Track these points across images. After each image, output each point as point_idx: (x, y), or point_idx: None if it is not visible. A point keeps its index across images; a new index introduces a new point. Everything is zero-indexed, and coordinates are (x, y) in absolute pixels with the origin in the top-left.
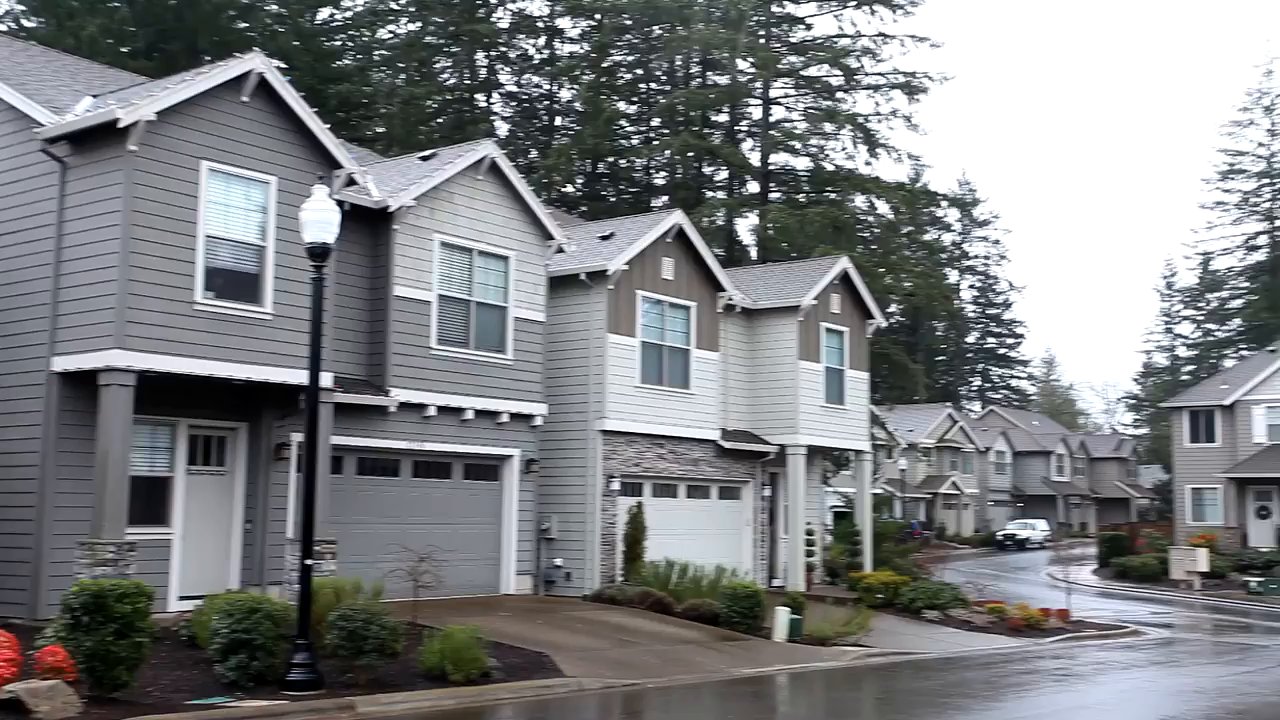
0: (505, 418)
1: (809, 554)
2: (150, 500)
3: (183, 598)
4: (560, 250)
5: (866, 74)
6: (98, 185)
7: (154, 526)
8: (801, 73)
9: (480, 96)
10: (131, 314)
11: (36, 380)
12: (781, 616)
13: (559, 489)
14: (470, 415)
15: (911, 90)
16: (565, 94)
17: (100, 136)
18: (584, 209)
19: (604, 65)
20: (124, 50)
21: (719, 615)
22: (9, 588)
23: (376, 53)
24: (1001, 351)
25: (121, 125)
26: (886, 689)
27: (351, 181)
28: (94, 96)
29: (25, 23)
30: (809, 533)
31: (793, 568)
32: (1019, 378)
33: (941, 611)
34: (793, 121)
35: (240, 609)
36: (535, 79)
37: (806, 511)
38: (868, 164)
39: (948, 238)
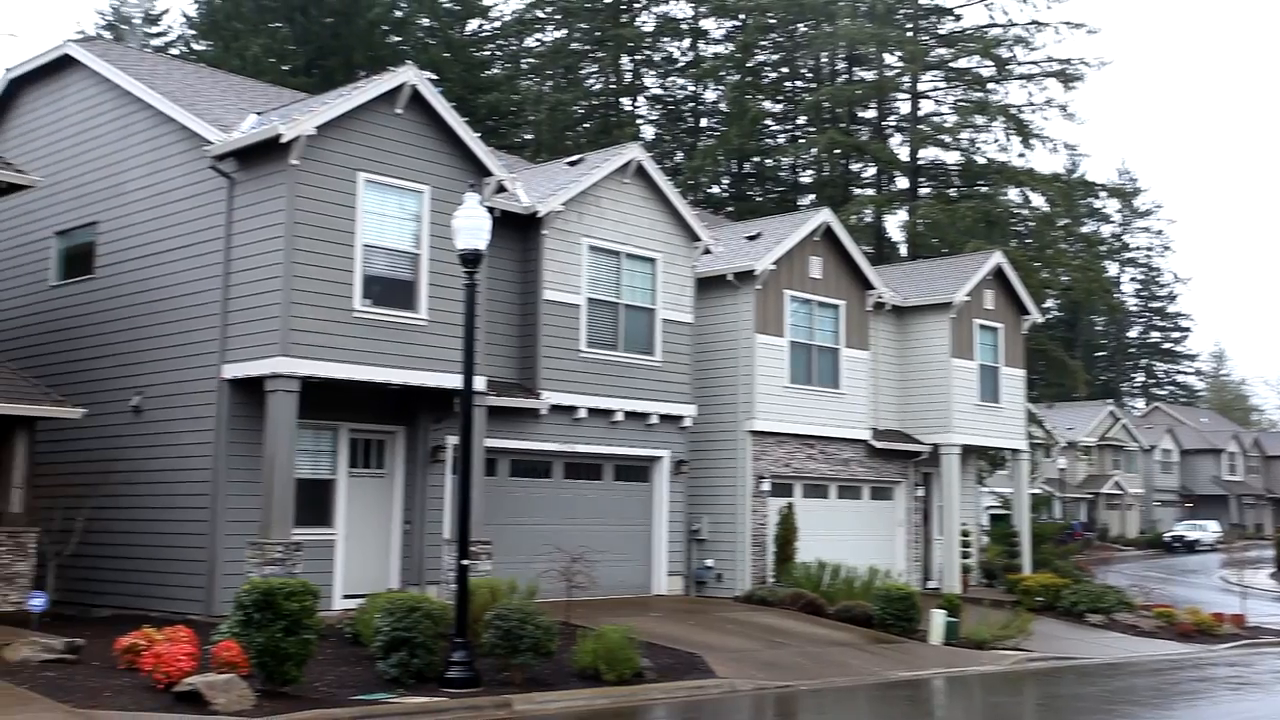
0: (654, 419)
1: (964, 555)
2: (314, 502)
3: (346, 596)
4: (707, 251)
5: (1019, 63)
6: (262, 199)
7: (318, 527)
8: (951, 65)
9: (626, 100)
10: (295, 322)
11: (208, 388)
12: (937, 619)
13: (709, 490)
14: (620, 417)
15: (1067, 78)
16: (710, 95)
17: (264, 152)
18: (730, 209)
19: (749, 65)
20: (285, 68)
21: (872, 617)
22: (187, 585)
23: (524, 61)
24: (1166, 346)
25: (284, 140)
26: (1048, 694)
27: (501, 188)
28: (258, 114)
29: (195, 46)
30: (964, 534)
31: (948, 569)
32: (1185, 373)
33: (1106, 615)
34: (942, 115)
35: (401, 608)
36: (680, 81)
37: (961, 512)
38: (1021, 156)
39: (1107, 229)
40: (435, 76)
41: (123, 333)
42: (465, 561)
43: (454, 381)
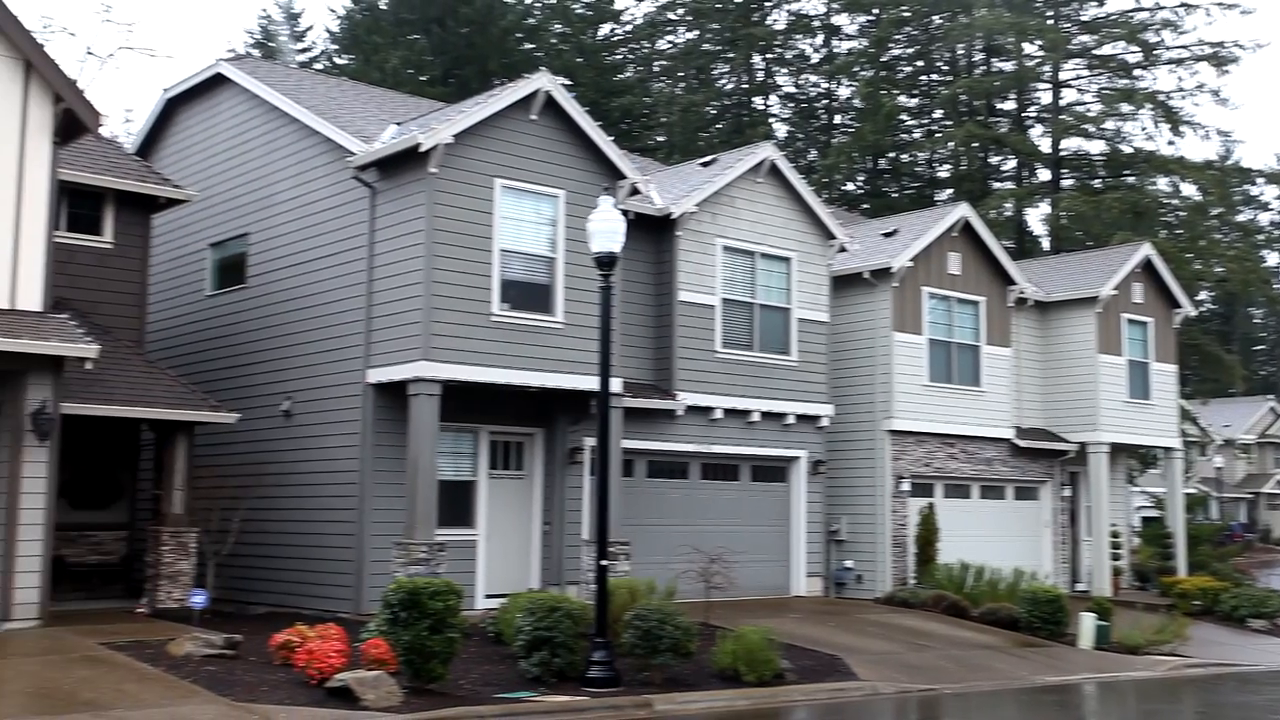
0: (791, 419)
1: (1115, 557)
2: (456, 503)
3: (488, 596)
4: (842, 249)
5: (1167, 48)
6: (402, 207)
7: (460, 528)
8: (1094, 52)
9: (758, 99)
10: (435, 327)
11: (354, 392)
12: (1087, 622)
13: (847, 490)
14: (756, 417)
15: (1219, 61)
16: (844, 91)
17: (404, 161)
18: (865, 207)
19: (883, 60)
20: (423, 79)
21: (1018, 620)
22: (336, 584)
23: (656, 63)
24: None
25: (423, 149)
26: (1208, 703)
27: (635, 191)
28: (397, 124)
29: (337, 60)
30: (1114, 535)
31: (1097, 572)
32: None
33: (1269, 620)
34: (1085, 104)
35: (541, 607)
36: (813, 78)
37: (1111, 512)
38: (1170, 144)
39: (1265, 218)
40: (568, 82)
41: (273, 339)
42: (604, 562)
43: (590, 383)
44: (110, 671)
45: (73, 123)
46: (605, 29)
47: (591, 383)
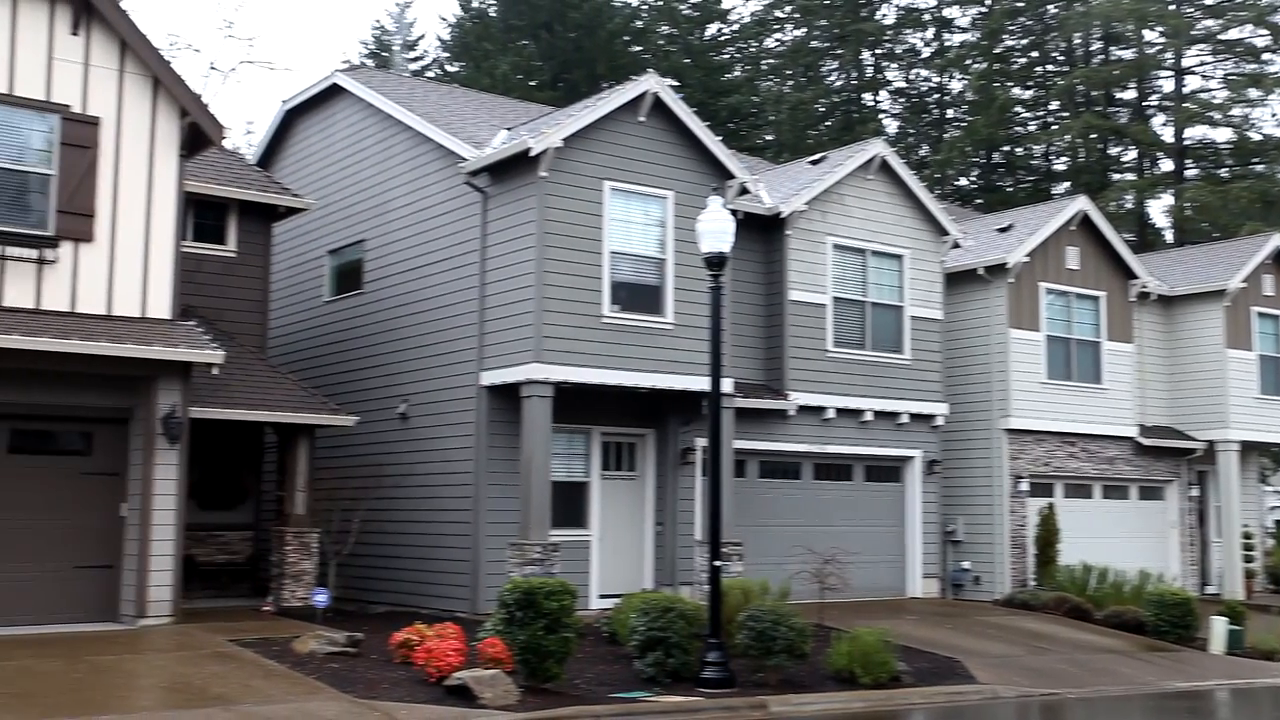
0: (905, 418)
1: (1247, 559)
2: (569, 504)
3: (601, 596)
4: (956, 245)
5: None
6: (513, 211)
7: (574, 529)
8: (1219, 37)
9: (868, 96)
10: (547, 329)
11: (468, 394)
12: (1218, 626)
13: (963, 490)
14: (869, 417)
15: None
16: (956, 85)
17: (514, 166)
18: (979, 202)
19: (996, 51)
20: (532, 84)
21: (1144, 623)
22: (453, 584)
23: (764, 62)
24: None
25: (533, 154)
26: None
27: (744, 190)
28: (508, 130)
29: (448, 68)
30: (1246, 536)
31: (1229, 574)
32: None
33: None
34: (1210, 90)
35: (655, 608)
36: (924, 73)
37: (1242, 513)
38: None
39: None
40: (676, 83)
41: (389, 344)
42: (717, 563)
43: (701, 384)
44: (239, 667)
45: (198, 136)
46: (712, 29)
47: (702, 383)
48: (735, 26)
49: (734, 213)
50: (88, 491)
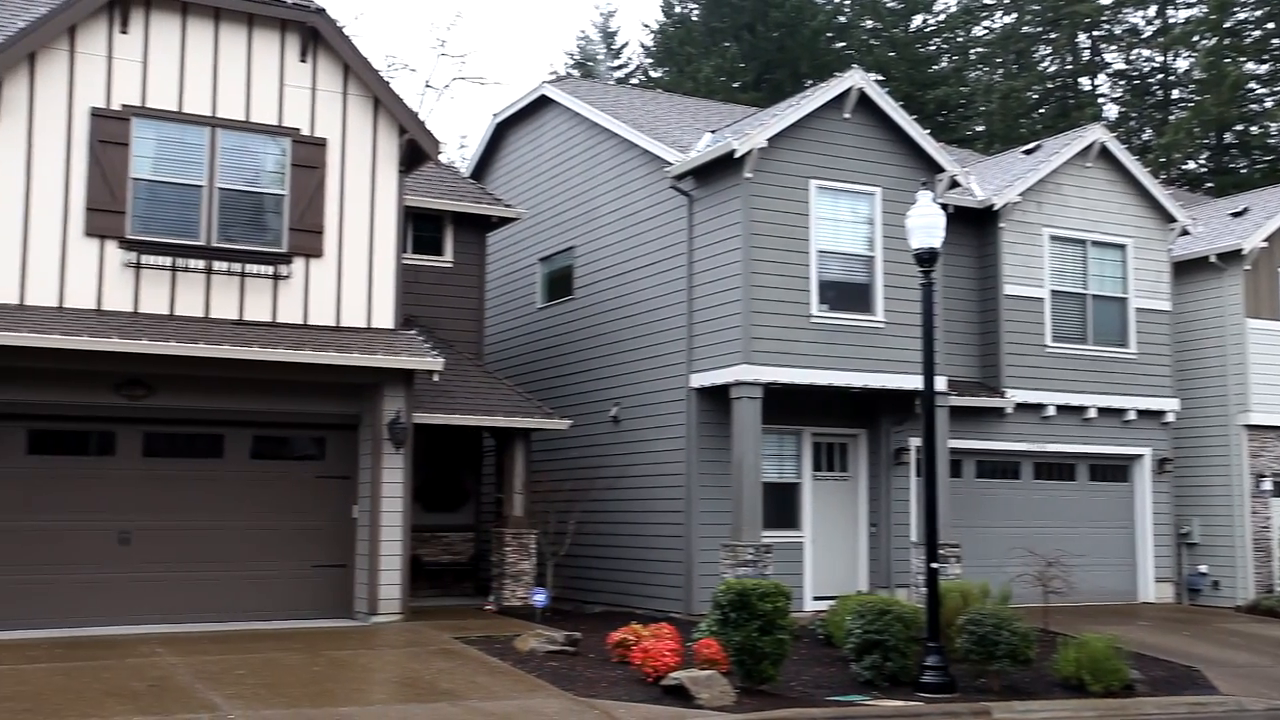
0: (1132, 415)
1: None
2: (781, 505)
3: (815, 598)
4: (1184, 233)
5: None
6: (719, 213)
7: (786, 530)
8: None
9: (1084, 80)
10: (755, 330)
11: (678, 397)
12: None
13: (1198, 490)
14: (1092, 414)
15: None
16: (1181, 64)
17: (719, 168)
18: (1209, 186)
19: (1226, 26)
20: (734, 85)
21: None
22: (666, 585)
23: (972, 51)
24: None
25: (737, 155)
26: None
27: (954, 184)
28: (711, 132)
29: (652, 74)
30: None
31: None
32: None
33: None
34: None
35: (871, 610)
36: (1145, 53)
37: None
38: None
39: None
40: (881, 77)
41: (600, 348)
42: (934, 564)
43: (914, 383)
44: (464, 664)
45: (415, 152)
46: (917, 20)
47: (915, 382)
48: (941, 17)
49: (944, 207)
50: (322, 494)
